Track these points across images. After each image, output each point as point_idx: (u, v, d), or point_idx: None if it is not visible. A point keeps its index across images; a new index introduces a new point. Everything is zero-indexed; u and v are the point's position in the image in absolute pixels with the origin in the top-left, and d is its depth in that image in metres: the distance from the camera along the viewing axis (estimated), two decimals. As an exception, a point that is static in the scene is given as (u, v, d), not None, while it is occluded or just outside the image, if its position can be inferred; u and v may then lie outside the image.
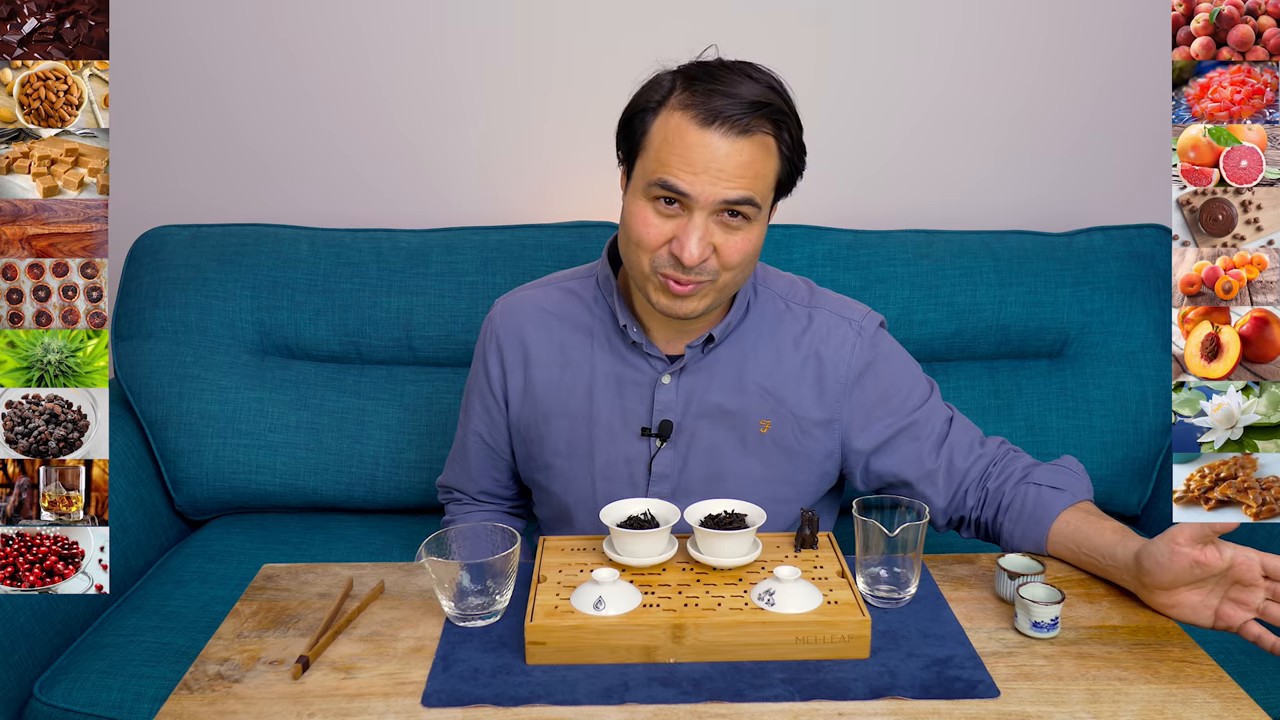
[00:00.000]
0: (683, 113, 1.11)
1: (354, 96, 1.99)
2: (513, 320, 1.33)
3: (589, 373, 1.29)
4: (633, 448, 1.28)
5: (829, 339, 1.28)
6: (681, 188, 1.11)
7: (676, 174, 1.11)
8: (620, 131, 1.19)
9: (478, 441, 1.39)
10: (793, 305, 1.31)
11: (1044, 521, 1.21)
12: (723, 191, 1.11)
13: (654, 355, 1.27)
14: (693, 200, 1.11)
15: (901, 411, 1.29)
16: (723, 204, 1.11)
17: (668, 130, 1.12)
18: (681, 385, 1.27)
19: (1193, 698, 0.95)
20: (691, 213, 1.12)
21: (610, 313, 1.29)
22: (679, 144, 1.11)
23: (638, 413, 1.28)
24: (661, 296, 1.17)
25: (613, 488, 1.29)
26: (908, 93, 1.99)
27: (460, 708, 0.94)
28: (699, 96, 1.10)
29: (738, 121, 1.09)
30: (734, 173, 1.10)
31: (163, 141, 2.01)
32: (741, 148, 1.10)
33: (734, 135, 1.10)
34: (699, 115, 1.10)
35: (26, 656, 1.39)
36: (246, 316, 1.80)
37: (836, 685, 0.96)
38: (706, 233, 1.12)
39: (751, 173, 1.12)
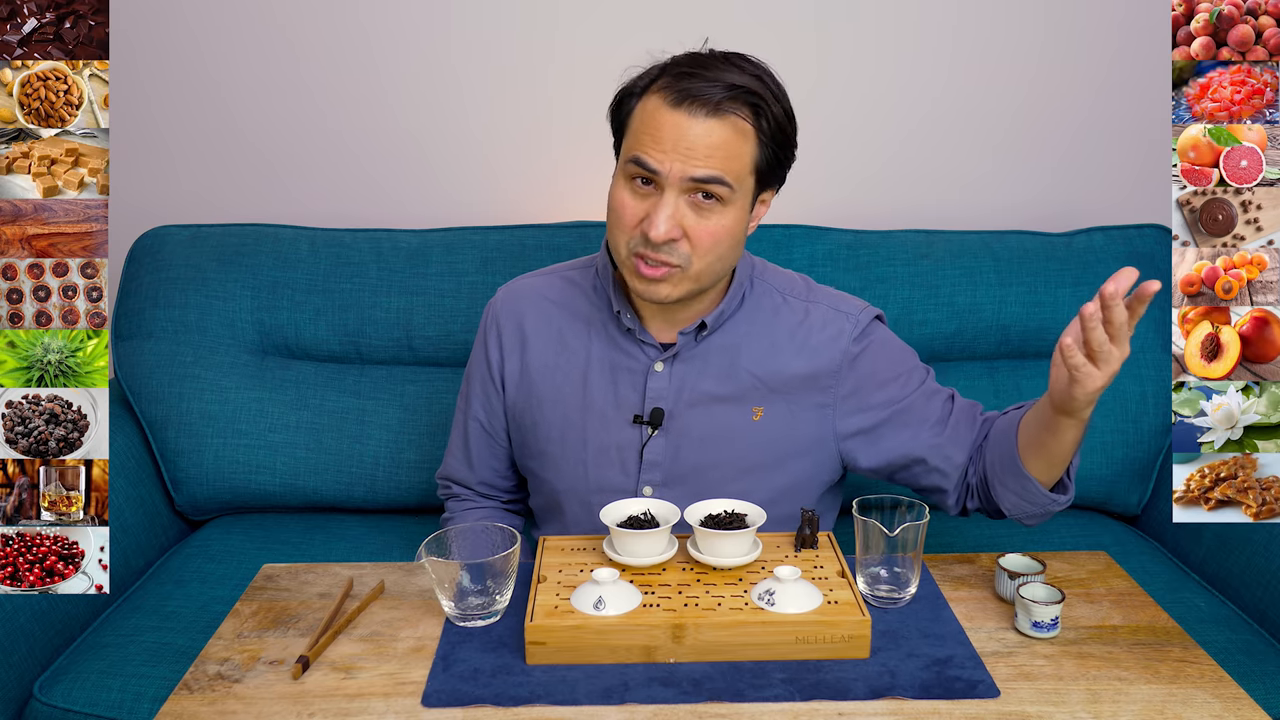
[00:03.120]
0: (659, 95, 1.14)
1: (355, 96, 1.99)
2: (513, 305, 1.36)
3: (584, 359, 1.31)
4: (624, 434, 1.29)
5: (824, 330, 1.29)
6: (650, 164, 1.13)
7: (647, 151, 1.14)
8: (610, 118, 1.23)
9: (478, 428, 1.39)
10: (790, 299, 1.32)
11: (1010, 434, 1.21)
12: (691, 169, 1.12)
13: (647, 342, 1.28)
14: (662, 177, 1.13)
15: (897, 394, 1.29)
16: (691, 181, 1.13)
17: (645, 112, 1.15)
18: (674, 373, 1.28)
19: (1193, 698, 0.95)
20: (663, 191, 1.14)
21: (607, 300, 1.30)
22: (651, 123, 1.14)
23: (630, 400, 1.29)
24: (635, 280, 1.19)
25: (604, 474, 1.30)
26: (907, 93, 1.99)
27: (460, 708, 0.94)
28: (677, 80, 1.13)
29: (708, 101, 1.12)
30: (704, 152, 1.12)
31: (163, 141, 2.01)
32: (711, 128, 1.12)
33: (704, 115, 1.12)
34: (671, 96, 1.13)
35: (26, 656, 1.39)
36: (246, 316, 1.80)
37: (836, 685, 0.96)
38: (676, 211, 1.14)
39: (722, 153, 1.13)
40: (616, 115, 1.21)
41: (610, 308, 1.30)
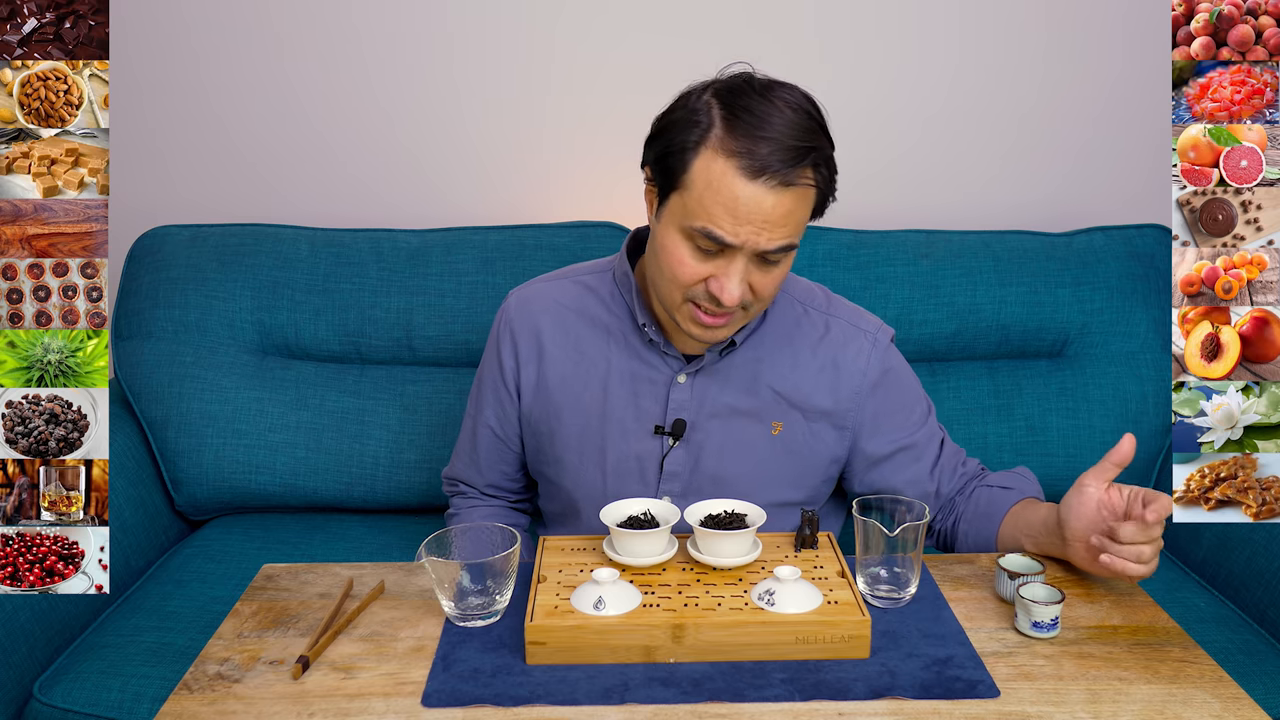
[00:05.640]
0: (727, 160, 1.08)
1: (354, 97, 1.99)
2: (527, 313, 1.33)
3: (604, 369, 1.30)
4: (645, 445, 1.29)
5: (846, 348, 1.30)
6: (726, 240, 1.10)
7: (720, 225, 1.09)
8: (653, 153, 1.15)
9: (488, 434, 1.38)
10: (810, 310, 1.31)
11: (995, 517, 1.26)
12: (765, 243, 1.10)
13: (671, 355, 1.28)
14: (736, 250, 1.11)
15: (907, 427, 1.32)
16: (764, 252, 1.11)
17: (710, 176, 1.09)
18: (696, 385, 1.28)
19: (1193, 698, 0.95)
20: (732, 259, 1.12)
21: (628, 310, 1.29)
22: (726, 195, 1.08)
23: (652, 411, 1.28)
24: (693, 326, 1.18)
25: (623, 485, 1.29)
26: (908, 93, 1.99)
27: (460, 708, 0.94)
28: (743, 142, 1.08)
29: (784, 174, 1.08)
30: (778, 223, 1.10)
31: (163, 141, 2.01)
32: (784, 201, 1.09)
33: (780, 188, 1.08)
34: (745, 167, 1.07)
35: (26, 656, 1.39)
36: (246, 316, 1.80)
37: (836, 685, 0.96)
38: (745, 275, 1.12)
39: (794, 221, 1.11)
40: (664, 159, 1.13)
41: (631, 318, 1.29)
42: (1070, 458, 1.76)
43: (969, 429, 1.77)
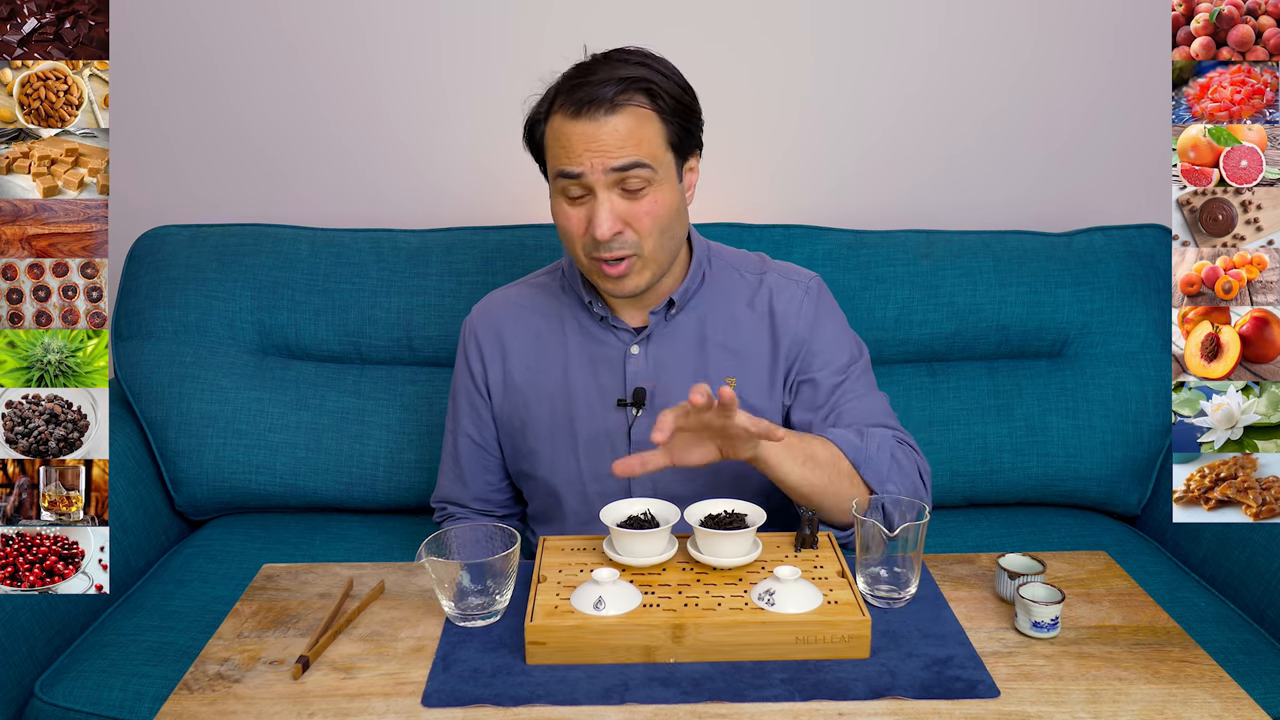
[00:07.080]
0: (560, 113, 1.21)
1: (354, 96, 1.99)
2: (488, 317, 1.41)
3: (563, 355, 1.36)
4: (611, 420, 1.33)
5: (779, 296, 1.36)
6: (572, 170, 1.20)
7: (565, 162, 1.20)
8: (528, 149, 1.30)
9: (469, 443, 1.42)
10: (745, 273, 1.39)
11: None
12: (608, 161, 1.19)
13: (620, 328, 1.34)
14: (587, 178, 1.20)
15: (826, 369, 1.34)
16: (614, 173, 1.19)
17: (553, 132, 1.23)
18: (649, 353, 1.33)
19: (1193, 698, 0.95)
20: (595, 192, 1.20)
21: (576, 296, 1.36)
22: (562, 138, 1.21)
23: (612, 385, 1.33)
24: (604, 281, 1.26)
25: (597, 463, 1.34)
26: (908, 93, 1.99)
27: (460, 708, 0.94)
28: (570, 94, 1.20)
29: (603, 101, 1.18)
30: (615, 145, 1.19)
31: (163, 141, 2.01)
32: (615, 123, 1.19)
33: (603, 115, 1.18)
34: (570, 110, 1.20)
35: (27, 656, 1.39)
36: (246, 316, 1.80)
37: (836, 685, 0.96)
38: (612, 206, 1.21)
39: (633, 140, 1.19)
40: (532, 145, 1.29)
41: (580, 302, 1.36)
42: (1070, 458, 1.76)
43: (969, 429, 1.77)
